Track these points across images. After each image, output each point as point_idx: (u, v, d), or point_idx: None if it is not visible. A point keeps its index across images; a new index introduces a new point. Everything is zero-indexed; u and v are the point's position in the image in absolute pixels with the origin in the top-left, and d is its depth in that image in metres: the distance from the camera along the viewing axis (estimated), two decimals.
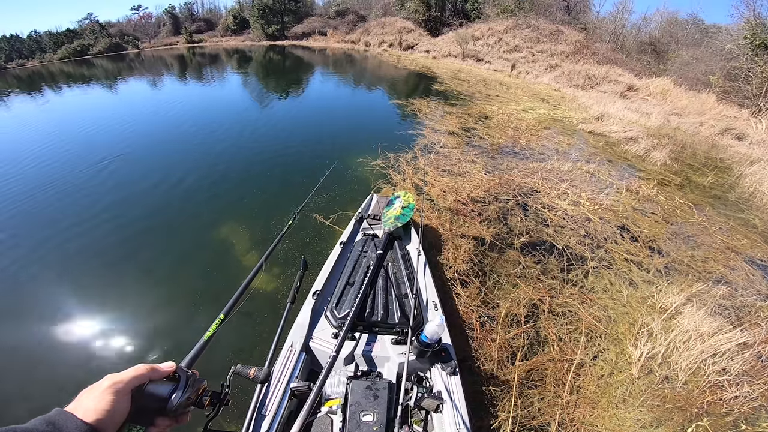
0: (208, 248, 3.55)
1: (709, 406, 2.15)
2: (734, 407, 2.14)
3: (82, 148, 6.33)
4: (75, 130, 7.49)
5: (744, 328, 2.59)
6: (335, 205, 4.13)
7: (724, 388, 2.23)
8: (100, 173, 5.20)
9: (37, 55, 18.56)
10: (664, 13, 18.66)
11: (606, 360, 2.43)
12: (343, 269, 2.27)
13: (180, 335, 2.61)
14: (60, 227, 3.90)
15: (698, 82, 10.89)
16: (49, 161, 5.79)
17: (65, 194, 4.64)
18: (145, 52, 21.02)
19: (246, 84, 12.66)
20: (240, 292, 1.20)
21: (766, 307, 2.95)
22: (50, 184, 4.92)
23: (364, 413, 1.43)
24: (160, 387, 0.58)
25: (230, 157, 5.72)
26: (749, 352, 2.41)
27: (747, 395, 2.18)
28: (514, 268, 3.23)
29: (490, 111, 8.22)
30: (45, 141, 6.80)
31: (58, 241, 3.66)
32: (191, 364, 0.76)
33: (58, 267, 3.33)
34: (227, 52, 21.37)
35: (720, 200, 4.87)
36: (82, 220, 4.02)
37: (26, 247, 3.61)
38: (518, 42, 16.46)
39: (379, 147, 5.73)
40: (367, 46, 22.76)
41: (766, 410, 2.15)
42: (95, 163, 5.53)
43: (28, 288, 3.10)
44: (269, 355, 1.41)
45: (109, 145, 6.35)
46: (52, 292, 3.05)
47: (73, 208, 4.30)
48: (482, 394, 2.16)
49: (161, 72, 15.45)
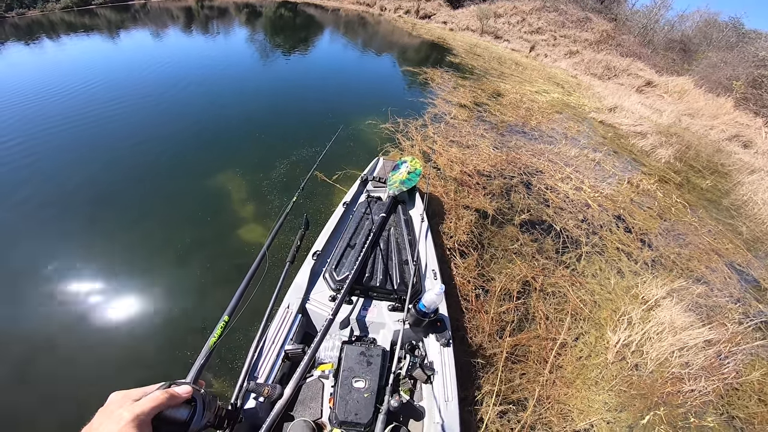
0: (204, 195, 3.45)
1: (667, 396, 2.27)
2: (688, 400, 2.27)
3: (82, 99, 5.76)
4: (72, 80, 6.90)
5: (712, 327, 2.70)
6: (340, 162, 4.02)
7: (684, 381, 2.35)
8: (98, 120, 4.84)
9: (39, 5, 17.35)
10: (703, 13, 17.75)
11: (586, 343, 2.53)
12: (345, 230, 2.21)
13: (171, 290, 2.55)
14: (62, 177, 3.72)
15: (720, 86, 10.65)
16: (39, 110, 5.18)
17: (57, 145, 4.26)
18: (152, 3, 19.66)
19: (253, 40, 11.94)
20: (243, 287, 1.10)
21: (735, 310, 3.10)
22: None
23: (356, 379, 1.41)
24: (177, 411, 0.56)
25: (231, 111, 5.38)
26: (712, 350, 2.54)
27: (701, 390, 2.31)
28: (512, 244, 3.26)
29: (504, 89, 7.94)
30: (36, 88, 6.16)
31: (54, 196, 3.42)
32: (198, 376, 0.74)
33: (46, 224, 3.09)
34: (237, 6, 20.07)
35: (714, 204, 4.95)
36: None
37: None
38: (542, 24, 15.63)
39: (389, 111, 5.56)
40: (383, 10, 21.46)
41: (713, 406, 2.29)
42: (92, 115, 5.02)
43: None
44: (265, 316, 1.37)
45: (107, 95, 5.77)
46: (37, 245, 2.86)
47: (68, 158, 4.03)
48: (470, 365, 2.21)
49: (166, 24, 14.58)
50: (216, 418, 0.66)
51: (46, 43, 10.55)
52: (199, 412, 0.59)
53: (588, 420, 2.08)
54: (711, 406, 2.29)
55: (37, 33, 12.06)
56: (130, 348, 2.17)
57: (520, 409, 2.08)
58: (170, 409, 0.55)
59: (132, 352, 2.15)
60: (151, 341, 2.20)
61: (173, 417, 0.55)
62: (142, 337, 2.22)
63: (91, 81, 6.36)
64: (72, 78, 6.57)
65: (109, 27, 13.90)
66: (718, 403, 2.32)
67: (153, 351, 2.16)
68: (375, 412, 1.33)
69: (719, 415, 2.26)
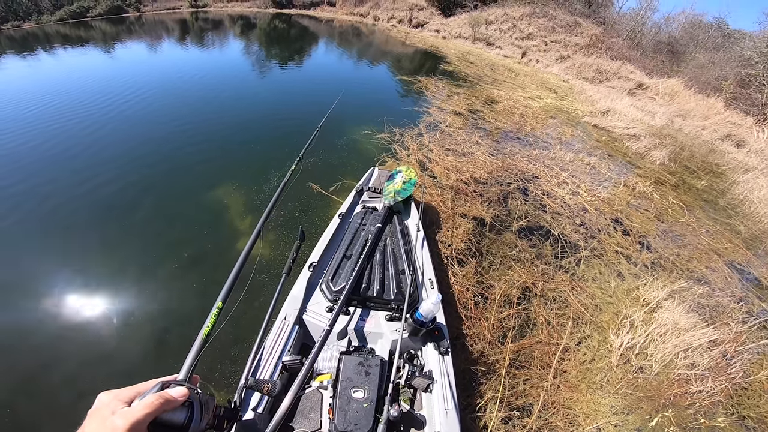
0: (204, 206, 3.51)
1: (675, 398, 2.25)
2: (696, 401, 2.24)
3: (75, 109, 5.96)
4: (66, 90, 6.99)
5: (716, 327, 2.68)
6: (336, 173, 4.07)
7: (690, 382, 2.33)
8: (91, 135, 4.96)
9: (34, 17, 17.62)
10: (689, 15, 18.09)
11: (589, 346, 2.51)
12: (341, 241, 2.21)
13: (160, 288, 2.59)
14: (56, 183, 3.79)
15: (709, 86, 10.82)
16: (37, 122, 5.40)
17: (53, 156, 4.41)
18: (147, 16, 19.99)
19: (247, 51, 12.12)
20: (238, 269, 1.01)
21: (738, 309, 3.08)
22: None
23: (355, 389, 1.41)
24: (174, 415, 0.53)
25: (225, 122, 5.53)
26: (717, 350, 2.52)
27: (709, 390, 2.28)
28: (511, 250, 3.26)
29: (497, 96, 8.05)
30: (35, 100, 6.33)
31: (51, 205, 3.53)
32: (192, 371, 0.68)
33: (43, 235, 3.17)
34: (231, 18, 20.44)
35: (710, 204, 4.96)
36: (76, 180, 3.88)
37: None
38: (532, 30, 15.94)
39: (385, 120, 5.63)
40: (376, 20, 21.88)
41: (723, 406, 2.26)
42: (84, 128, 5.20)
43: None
44: (262, 327, 1.37)
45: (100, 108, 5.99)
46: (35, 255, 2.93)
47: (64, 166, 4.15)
48: (471, 373, 2.19)
49: (160, 36, 14.77)
50: (215, 418, 0.63)
51: (41, 54, 10.65)
52: (196, 414, 0.56)
53: (595, 424, 2.05)
54: (720, 406, 2.26)
55: (32, 45, 12.18)
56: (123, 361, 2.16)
57: (525, 415, 2.06)
58: (166, 412, 0.52)
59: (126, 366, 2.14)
60: (144, 355, 2.19)
61: (170, 421, 0.52)
62: (135, 353, 2.20)
63: (86, 93, 6.48)
64: (64, 90, 6.69)
65: (104, 39, 14.05)
66: (728, 404, 2.29)
67: (148, 367, 2.13)
68: (375, 422, 1.32)
69: (730, 416, 2.23)
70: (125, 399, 0.49)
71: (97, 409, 0.48)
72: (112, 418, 0.45)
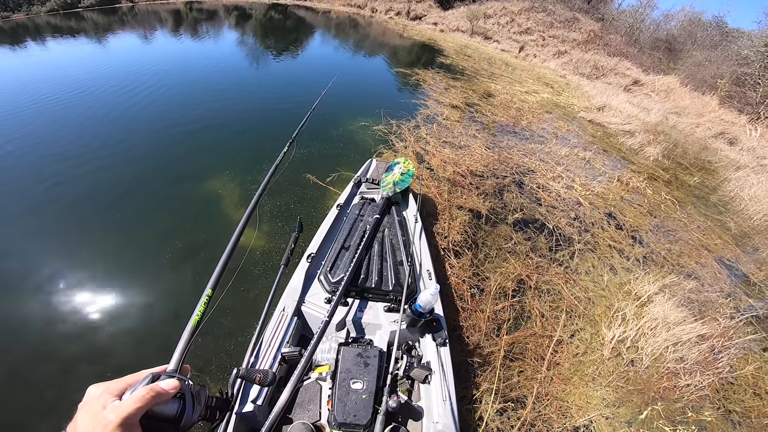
0: (198, 196, 3.45)
1: (664, 391, 2.29)
2: (684, 395, 2.29)
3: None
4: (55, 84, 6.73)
5: (704, 322, 2.73)
6: (333, 164, 4.03)
7: (679, 375, 2.37)
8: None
9: (24, 8, 17.06)
10: (688, 12, 18.10)
11: (582, 339, 2.54)
12: (339, 232, 2.20)
13: (152, 278, 2.56)
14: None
15: (705, 84, 10.90)
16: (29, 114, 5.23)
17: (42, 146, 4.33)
18: (140, 6, 19.44)
19: (243, 42, 11.87)
20: (229, 253, 0.96)
21: (726, 305, 3.14)
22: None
23: (353, 381, 1.41)
24: (166, 407, 0.52)
25: (219, 112, 5.40)
26: (705, 345, 2.57)
27: (697, 384, 2.34)
28: (506, 243, 3.28)
29: (494, 90, 8.03)
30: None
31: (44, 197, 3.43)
32: (182, 362, 0.66)
33: (33, 226, 3.08)
34: (226, 8, 19.98)
35: (702, 200, 5.04)
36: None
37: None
38: (531, 24, 15.86)
39: (382, 112, 5.58)
40: (374, 12, 21.55)
41: (710, 400, 2.31)
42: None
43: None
44: (260, 319, 1.36)
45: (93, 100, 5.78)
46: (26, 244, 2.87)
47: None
48: (467, 365, 2.21)
49: (154, 27, 14.41)
50: (207, 410, 0.62)
51: (30, 46, 10.34)
52: (189, 405, 0.55)
53: (587, 416, 2.09)
54: (707, 400, 2.31)
55: (22, 36, 11.84)
56: (116, 354, 2.13)
57: (520, 407, 2.08)
58: (158, 405, 0.51)
59: (120, 359, 2.10)
60: (138, 347, 2.16)
61: (162, 413, 0.52)
62: (128, 344, 2.17)
63: (77, 84, 6.27)
64: (55, 81, 6.48)
65: (96, 30, 13.69)
66: (715, 398, 2.34)
67: (141, 358, 2.11)
68: (373, 413, 1.33)
69: (716, 410, 2.28)
70: (115, 392, 0.48)
71: (88, 402, 0.47)
72: (103, 413, 0.44)
